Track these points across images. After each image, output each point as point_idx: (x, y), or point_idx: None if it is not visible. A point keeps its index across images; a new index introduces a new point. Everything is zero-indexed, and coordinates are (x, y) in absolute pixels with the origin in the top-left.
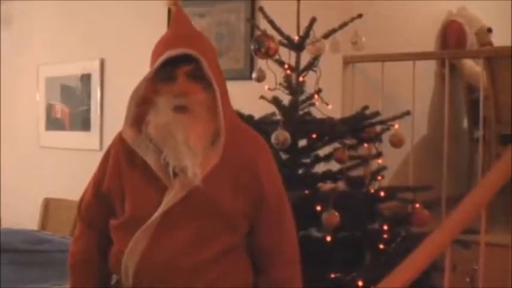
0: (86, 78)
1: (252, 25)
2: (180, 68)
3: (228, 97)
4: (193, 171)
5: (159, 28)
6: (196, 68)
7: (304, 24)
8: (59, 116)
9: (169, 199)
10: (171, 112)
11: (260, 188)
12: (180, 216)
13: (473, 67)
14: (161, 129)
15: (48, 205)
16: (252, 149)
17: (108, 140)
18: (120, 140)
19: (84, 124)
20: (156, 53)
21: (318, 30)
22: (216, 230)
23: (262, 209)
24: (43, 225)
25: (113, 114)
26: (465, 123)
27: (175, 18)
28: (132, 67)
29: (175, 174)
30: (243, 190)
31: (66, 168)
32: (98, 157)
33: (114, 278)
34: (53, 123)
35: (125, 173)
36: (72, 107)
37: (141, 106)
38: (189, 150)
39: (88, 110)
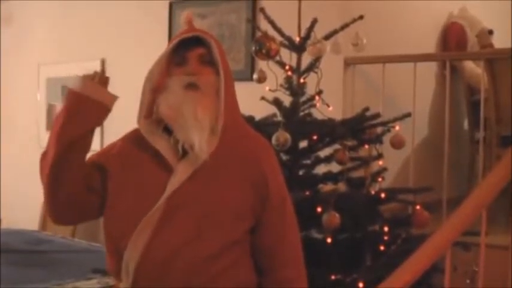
0: None
1: (253, 26)
2: (192, 51)
3: (233, 92)
4: (200, 146)
5: (160, 28)
6: (207, 53)
7: (305, 25)
8: None
9: (175, 181)
10: (182, 90)
11: (266, 188)
12: (185, 201)
13: (474, 69)
14: (172, 106)
15: None
16: (257, 149)
17: (109, 141)
18: (131, 133)
19: None
20: (169, 44)
21: (319, 31)
22: (221, 219)
23: (267, 209)
24: (43, 225)
25: (113, 115)
26: (465, 124)
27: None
28: (133, 67)
29: (184, 154)
30: (251, 186)
31: None
32: None
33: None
34: None
35: (131, 160)
36: None
37: (156, 94)
38: (197, 123)
39: None
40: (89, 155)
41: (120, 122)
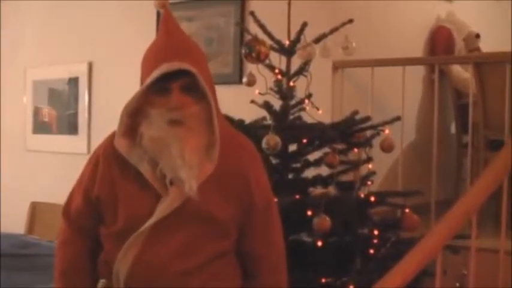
0: (73, 82)
1: (242, 29)
2: (174, 81)
3: (218, 106)
4: (189, 184)
5: (148, 31)
6: (190, 81)
7: (294, 28)
8: (46, 119)
9: (164, 208)
10: (166, 126)
11: (250, 196)
12: (172, 223)
13: (461, 73)
14: (156, 142)
15: (35, 209)
16: (243, 158)
17: (96, 144)
18: (111, 147)
19: (72, 128)
20: (148, 64)
21: (308, 34)
22: (207, 236)
23: (251, 216)
24: (30, 229)
25: (100, 118)
26: (453, 128)
27: (164, 23)
28: (120, 70)
29: (171, 183)
30: (234, 198)
31: (54, 172)
32: (86, 161)
33: (101, 282)
34: (40, 126)
35: (117, 182)
36: (59, 111)
37: (134, 116)
38: (185, 163)
39: (75, 114)
40: (75, 160)
41: (107, 126)
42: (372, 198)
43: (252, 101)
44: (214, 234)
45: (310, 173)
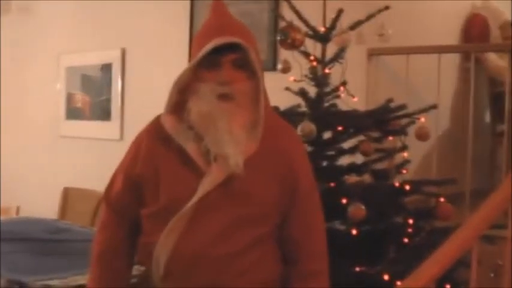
0: (106, 68)
1: (276, 16)
2: (225, 56)
3: (265, 88)
4: (236, 160)
5: (181, 17)
6: (241, 57)
7: (329, 15)
8: (79, 105)
9: (207, 184)
10: (215, 100)
11: (294, 179)
12: (215, 203)
13: (497, 61)
14: (204, 116)
15: (67, 194)
16: (287, 142)
17: (129, 130)
18: (155, 127)
19: (105, 114)
20: (200, 41)
21: (343, 21)
22: (249, 219)
23: (294, 199)
24: (62, 214)
25: (133, 104)
26: (487, 117)
27: (214, 6)
28: (153, 56)
29: (215, 160)
30: (278, 181)
31: (86, 157)
32: (118, 147)
33: (136, 269)
34: (73, 112)
35: (160, 160)
36: (92, 97)
37: (182, 93)
38: (232, 138)
39: (108, 100)
40: (108, 146)
41: (140, 112)
42: (407, 187)
43: (287, 88)
44: (256, 217)
45: (344, 160)
